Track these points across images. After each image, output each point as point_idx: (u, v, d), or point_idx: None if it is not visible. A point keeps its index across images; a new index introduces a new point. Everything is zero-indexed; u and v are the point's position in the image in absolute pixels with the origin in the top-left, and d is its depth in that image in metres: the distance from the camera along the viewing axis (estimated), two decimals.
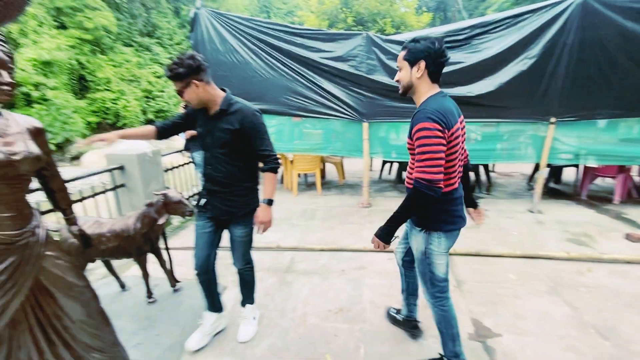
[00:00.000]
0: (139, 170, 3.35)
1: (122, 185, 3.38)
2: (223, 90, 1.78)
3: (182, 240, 3.47)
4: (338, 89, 4.26)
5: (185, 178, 4.42)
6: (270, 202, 1.81)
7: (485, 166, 5.54)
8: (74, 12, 16.78)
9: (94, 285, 1.53)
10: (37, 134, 1.42)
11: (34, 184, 1.55)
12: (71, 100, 14.82)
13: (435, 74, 1.50)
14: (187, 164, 4.45)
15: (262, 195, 1.83)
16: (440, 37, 1.49)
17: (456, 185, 1.56)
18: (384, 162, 6.09)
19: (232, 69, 4.38)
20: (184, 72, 1.60)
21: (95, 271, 2.84)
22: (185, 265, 2.97)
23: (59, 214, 1.73)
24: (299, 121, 4.65)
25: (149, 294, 2.40)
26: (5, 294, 1.31)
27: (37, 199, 2.01)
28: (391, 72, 4.11)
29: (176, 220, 3.97)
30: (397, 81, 1.58)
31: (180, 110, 4.18)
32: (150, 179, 3.46)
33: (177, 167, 4.22)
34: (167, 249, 2.52)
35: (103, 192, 3.15)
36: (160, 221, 2.18)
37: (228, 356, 1.94)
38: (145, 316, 2.28)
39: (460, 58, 4.06)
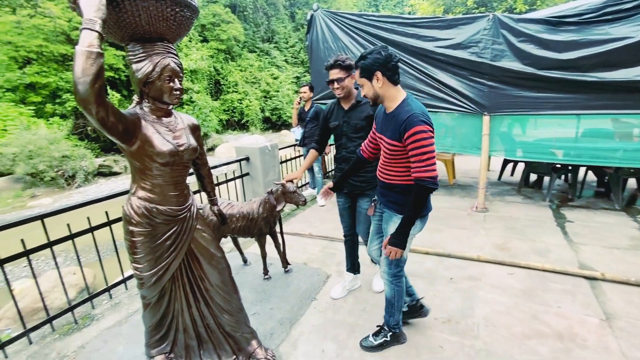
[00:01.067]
0: (260, 161, 3.80)
1: (247, 174, 3.89)
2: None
3: (292, 227, 3.79)
4: (454, 79, 3.89)
5: (297, 169, 4.80)
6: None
7: None
8: (214, 27, 20.05)
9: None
10: (195, 130, 1.75)
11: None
12: (209, 101, 17.83)
13: (393, 77, 1.62)
14: (299, 157, 4.82)
15: None
16: (384, 45, 1.66)
17: None
18: (506, 162, 5.31)
19: None
20: (350, 65, 2.08)
21: (224, 245, 3.36)
22: (294, 249, 3.24)
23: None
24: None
25: (265, 271, 2.71)
26: (170, 255, 1.66)
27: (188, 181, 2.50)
28: (524, 57, 3.52)
29: (287, 208, 4.35)
30: (364, 96, 1.72)
31: (295, 106, 4.46)
32: (268, 169, 3.88)
33: (290, 159, 4.61)
34: (281, 233, 2.79)
35: (233, 179, 3.69)
36: (278, 207, 2.41)
37: (330, 341, 2.03)
38: (261, 290, 2.59)
39: (627, 32, 3.18)
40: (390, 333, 1.96)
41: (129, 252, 1.62)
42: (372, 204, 2.01)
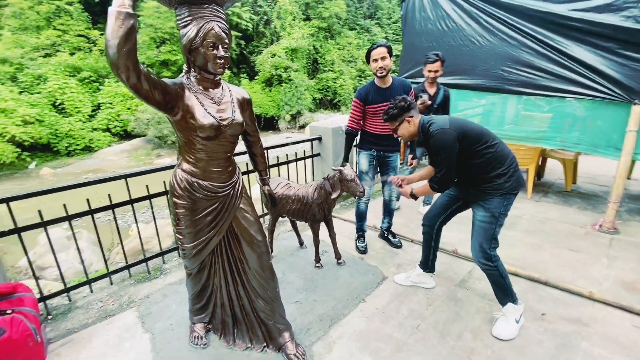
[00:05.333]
0: (332, 142, 3.61)
1: (318, 154, 3.77)
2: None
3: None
4: (593, 54, 2.91)
5: None
6: (412, 195, 2.00)
7: None
8: (317, 5, 20.19)
9: (283, 235, 1.80)
10: (245, 104, 1.63)
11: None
12: (305, 80, 18.34)
13: None
14: None
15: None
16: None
17: None
18: None
19: (440, 37, 3.87)
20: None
21: (282, 226, 3.35)
22: (353, 240, 3.00)
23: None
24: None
25: (317, 258, 2.57)
26: (211, 230, 1.63)
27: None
28: None
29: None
30: (384, 70, 2.44)
31: (428, 87, 3.16)
32: (339, 151, 3.66)
33: None
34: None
35: (303, 158, 3.62)
36: (333, 195, 2.20)
37: (369, 355, 1.78)
38: (310, 278, 2.47)
39: None
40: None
41: (173, 223, 1.65)
42: (373, 161, 2.70)
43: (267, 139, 15.89)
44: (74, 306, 2.25)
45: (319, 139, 3.69)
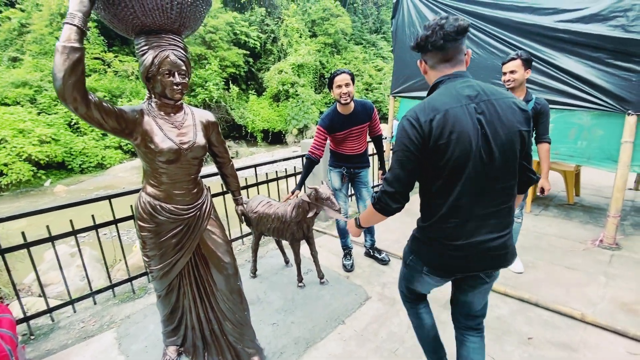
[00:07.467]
0: (323, 159, 3.60)
1: None
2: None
3: None
4: (582, 64, 2.85)
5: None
6: (359, 225, 1.47)
7: None
8: (323, 22, 20.65)
9: (270, 253, 1.80)
10: (209, 127, 1.66)
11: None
12: (312, 94, 18.57)
13: None
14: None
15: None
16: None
17: None
18: None
19: None
20: None
21: (268, 245, 3.32)
22: (340, 257, 2.95)
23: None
24: None
25: (300, 278, 2.53)
26: (177, 253, 1.63)
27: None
28: None
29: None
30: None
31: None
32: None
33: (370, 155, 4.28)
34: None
35: (293, 175, 3.62)
36: (310, 214, 2.18)
37: None
38: (290, 298, 2.42)
39: None
40: None
41: (140, 246, 1.66)
42: (344, 178, 2.76)
43: (273, 153, 16.05)
44: (57, 326, 2.27)
45: None
